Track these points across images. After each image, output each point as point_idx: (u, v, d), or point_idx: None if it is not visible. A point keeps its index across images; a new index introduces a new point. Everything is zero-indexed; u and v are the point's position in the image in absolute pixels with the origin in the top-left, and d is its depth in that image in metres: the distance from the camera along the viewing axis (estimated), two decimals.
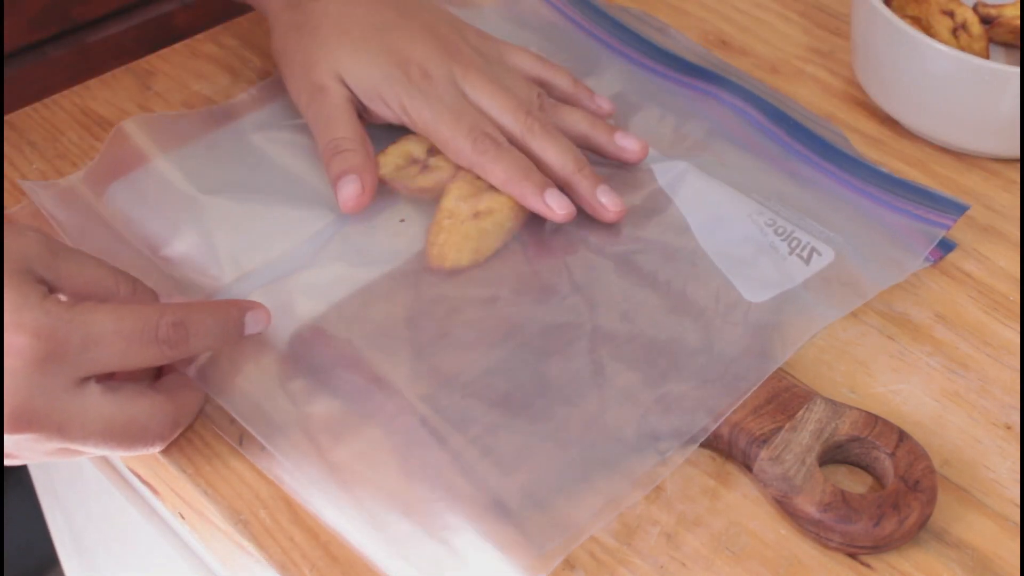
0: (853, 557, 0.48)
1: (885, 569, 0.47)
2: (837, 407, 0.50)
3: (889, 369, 0.54)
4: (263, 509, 0.48)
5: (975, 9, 0.67)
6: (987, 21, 0.67)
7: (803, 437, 0.49)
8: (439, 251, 0.56)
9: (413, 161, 0.59)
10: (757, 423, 0.50)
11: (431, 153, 0.59)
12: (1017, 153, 0.64)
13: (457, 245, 0.56)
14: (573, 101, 0.62)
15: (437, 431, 0.49)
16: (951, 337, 0.56)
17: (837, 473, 0.50)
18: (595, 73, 0.67)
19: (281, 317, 0.52)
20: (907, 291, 0.58)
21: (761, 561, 0.47)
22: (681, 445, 0.49)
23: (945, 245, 0.60)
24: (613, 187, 0.58)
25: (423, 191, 0.58)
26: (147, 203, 0.57)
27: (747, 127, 0.64)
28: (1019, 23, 0.67)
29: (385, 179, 0.58)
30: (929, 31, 0.66)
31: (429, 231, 0.57)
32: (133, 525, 0.61)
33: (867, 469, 0.50)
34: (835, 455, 0.50)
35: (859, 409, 0.50)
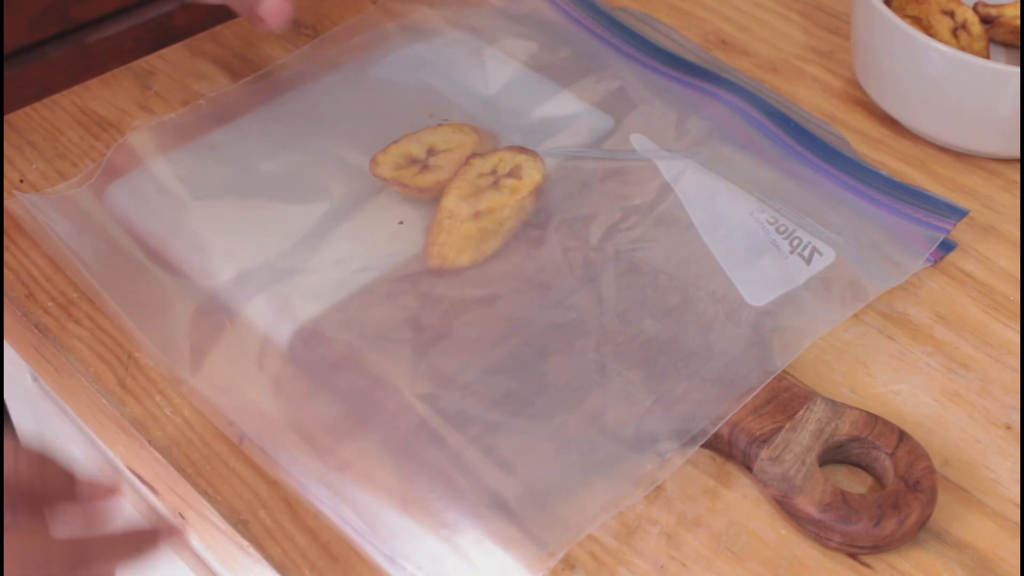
0: (853, 557, 0.48)
1: (885, 569, 0.48)
2: (837, 407, 0.51)
3: (889, 369, 0.54)
4: (263, 509, 0.48)
5: (975, 9, 0.67)
6: (987, 21, 0.67)
7: (803, 437, 0.49)
8: (439, 251, 0.56)
9: (412, 161, 0.59)
10: (757, 423, 0.50)
11: (431, 153, 0.60)
12: (1017, 153, 0.64)
13: (457, 245, 0.56)
14: None
15: (437, 431, 0.49)
16: (951, 337, 0.56)
17: (837, 473, 0.50)
18: (596, 70, 0.67)
19: (280, 318, 0.53)
20: (907, 291, 0.58)
21: (761, 561, 0.47)
22: (681, 446, 0.50)
23: (945, 245, 0.60)
24: (617, 180, 0.58)
25: (422, 191, 0.58)
26: (145, 204, 0.57)
27: (747, 126, 0.65)
28: (1019, 23, 0.67)
29: (385, 178, 0.59)
30: (929, 31, 0.66)
31: (429, 231, 0.57)
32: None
33: (867, 469, 0.50)
34: (835, 455, 0.50)
35: (859, 409, 0.51)
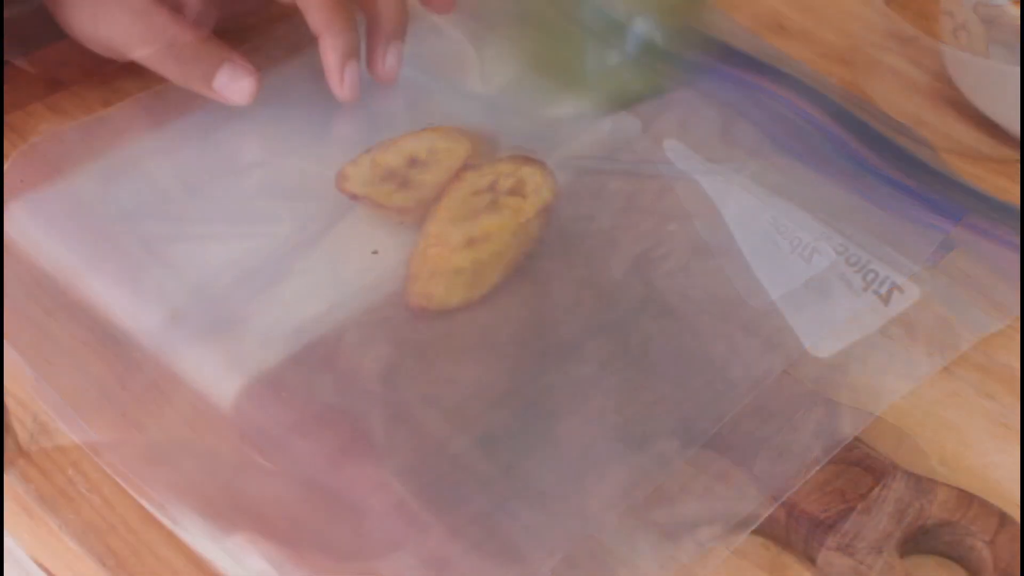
0: None
1: None
2: (922, 483, 0.51)
3: (988, 436, 0.55)
4: None
5: None
6: None
7: (879, 521, 0.50)
8: (423, 288, 0.56)
9: (390, 175, 0.60)
10: (821, 503, 0.51)
11: (413, 164, 0.60)
12: None
13: (446, 280, 0.57)
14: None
15: (420, 515, 0.50)
16: None
17: (924, 567, 0.51)
18: None
19: (224, 372, 0.53)
20: (1011, 338, 0.59)
21: None
22: (726, 532, 0.50)
23: None
24: (641, 198, 0.59)
25: (402, 212, 0.59)
26: (55, 228, 0.58)
27: (809, 133, 0.65)
28: None
29: (355, 196, 0.59)
30: None
31: (410, 262, 0.57)
32: None
33: (960, 561, 0.51)
34: (920, 543, 0.51)
35: (950, 486, 0.51)
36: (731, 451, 0.52)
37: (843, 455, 0.52)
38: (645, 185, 0.62)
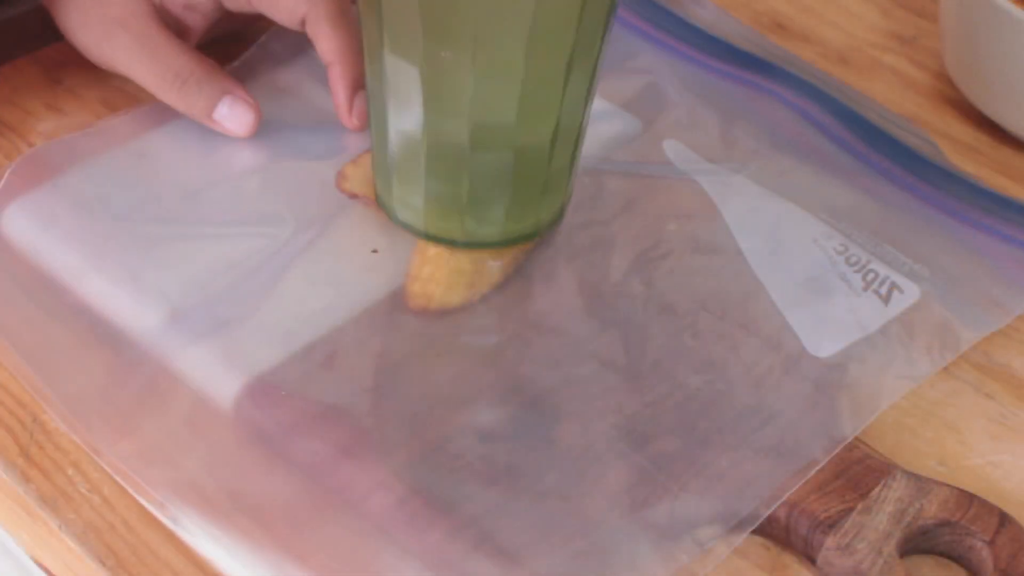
0: None
1: None
2: (922, 483, 0.51)
3: (987, 436, 0.55)
4: None
5: None
6: None
7: (879, 521, 0.50)
8: (423, 288, 0.57)
9: None
10: (822, 503, 0.51)
11: None
12: None
13: (446, 280, 0.57)
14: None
15: (420, 513, 0.50)
16: None
17: (923, 566, 0.51)
18: (621, 61, 0.68)
19: (224, 372, 0.53)
20: (1010, 338, 0.59)
21: None
22: (726, 533, 0.50)
23: None
24: (641, 200, 0.59)
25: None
26: (54, 228, 0.58)
27: (810, 131, 0.65)
28: None
29: (355, 196, 0.60)
30: None
31: (410, 261, 0.57)
32: None
33: (959, 561, 0.51)
34: (920, 543, 0.51)
35: (950, 486, 0.51)
36: (731, 451, 0.52)
37: (843, 455, 0.52)
38: (645, 185, 0.62)
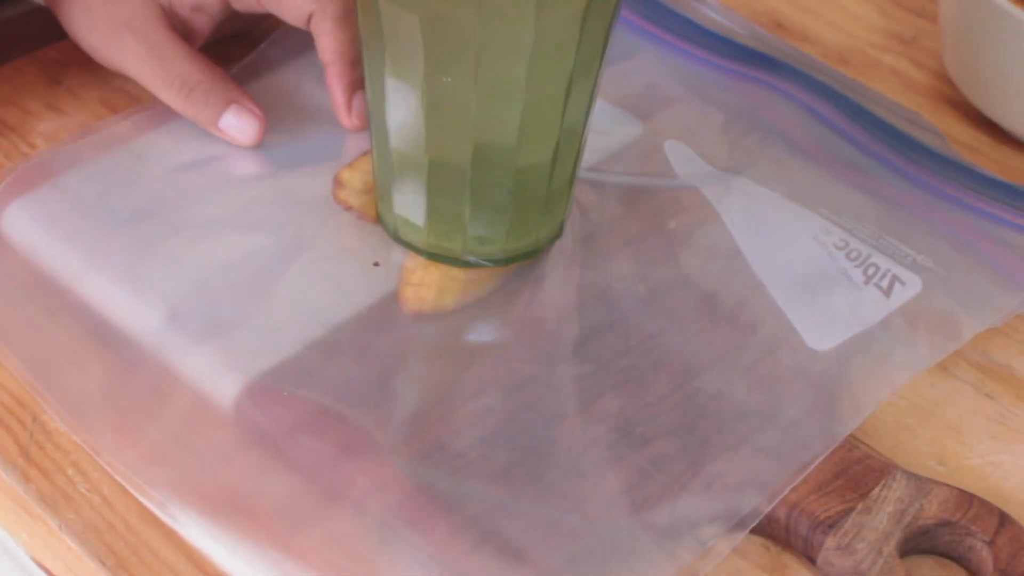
0: None
1: None
2: (922, 483, 0.51)
3: (987, 436, 0.55)
4: None
5: None
6: None
7: (879, 521, 0.50)
8: (415, 292, 0.57)
9: None
10: (822, 503, 0.51)
11: None
12: None
13: (439, 285, 0.57)
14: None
15: (423, 510, 0.50)
16: None
17: (923, 566, 0.51)
18: (618, 59, 0.68)
19: (225, 372, 0.54)
20: (1010, 337, 0.59)
21: None
22: (727, 532, 0.50)
23: None
24: (641, 200, 0.59)
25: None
26: (55, 229, 0.58)
27: (814, 126, 0.65)
28: None
29: (350, 208, 0.59)
30: None
31: (404, 266, 0.58)
32: None
33: (959, 561, 0.51)
34: (920, 543, 0.51)
35: (949, 486, 0.51)
36: (731, 450, 0.52)
37: (843, 455, 0.52)
38: (645, 185, 0.62)
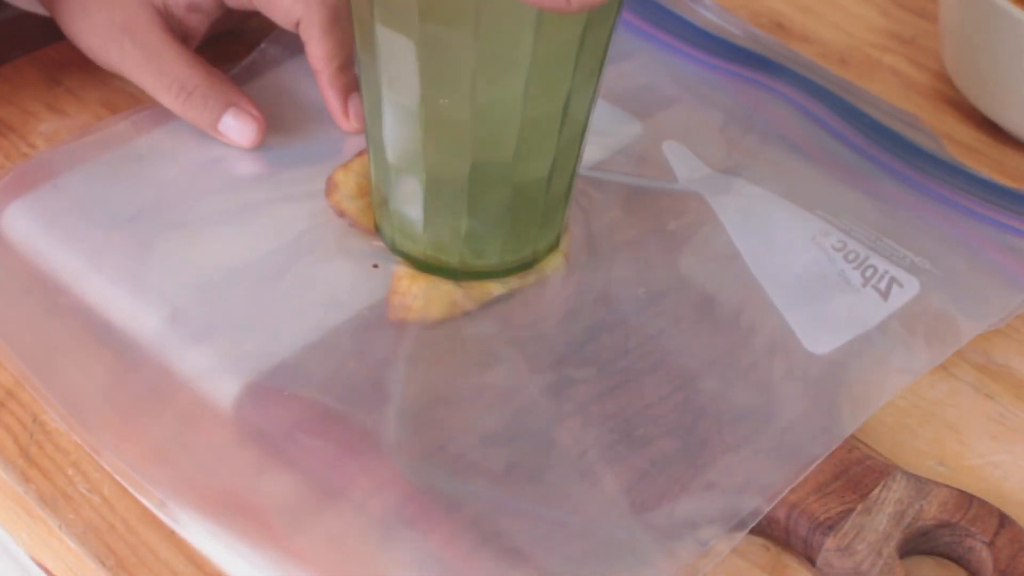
0: None
1: None
2: (922, 484, 0.51)
3: (987, 436, 0.55)
4: None
5: None
6: None
7: (879, 522, 0.50)
8: (400, 300, 0.57)
9: None
10: (821, 504, 0.51)
11: None
12: None
13: (425, 294, 0.57)
14: None
15: (425, 511, 0.50)
16: None
17: (922, 567, 0.51)
18: (616, 59, 0.68)
19: (224, 372, 0.54)
20: (1010, 337, 0.59)
21: None
22: (727, 532, 0.50)
23: None
24: (639, 202, 0.59)
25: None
26: (55, 229, 0.58)
27: (811, 128, 0.65)
28: None
29: (341, 212, 0.59)
30: None
31: (394, 273, 0.58)
32: None
33: (959, 562, 0.51)
34: (919, 544, 0.51)
35: (949, 487, 0.51)
36: (731, 451, 0.52)
37: (843, 456, 0.52)
38: (643, 186, 0.62)
